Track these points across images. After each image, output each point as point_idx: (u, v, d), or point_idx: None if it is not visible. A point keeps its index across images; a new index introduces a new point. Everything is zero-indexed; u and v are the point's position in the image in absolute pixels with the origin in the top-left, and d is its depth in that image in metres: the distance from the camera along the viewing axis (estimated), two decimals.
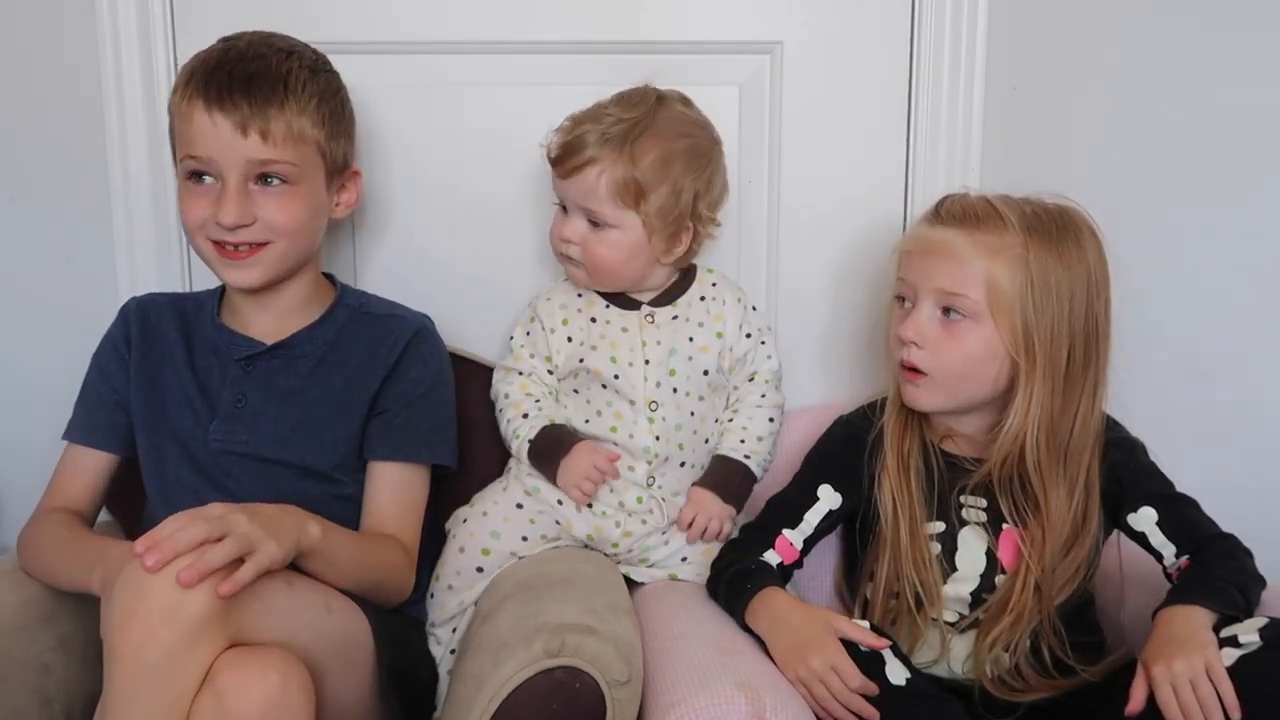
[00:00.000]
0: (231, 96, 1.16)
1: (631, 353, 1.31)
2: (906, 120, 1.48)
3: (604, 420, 1.31)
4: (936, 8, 1.44)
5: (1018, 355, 1.18)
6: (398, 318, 1.30)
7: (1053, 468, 1.19)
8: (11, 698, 1.11)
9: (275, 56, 1.20)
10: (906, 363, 1.22)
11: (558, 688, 1.03)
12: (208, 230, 1.19)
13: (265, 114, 1.16)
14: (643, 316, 1.33)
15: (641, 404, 1.30)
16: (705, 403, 1.34)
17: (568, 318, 1.34)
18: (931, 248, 1.21)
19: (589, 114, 1.28)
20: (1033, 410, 1.18)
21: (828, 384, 1.53)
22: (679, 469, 1.33)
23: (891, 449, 1.26)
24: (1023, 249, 1.17)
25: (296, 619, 1.05)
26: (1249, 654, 1.03)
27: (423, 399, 1.27)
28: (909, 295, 1.23)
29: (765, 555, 1.24)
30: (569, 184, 1.28)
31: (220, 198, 1.17)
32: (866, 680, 1.07)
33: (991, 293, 1.17)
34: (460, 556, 1.31)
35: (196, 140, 1.17)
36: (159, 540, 0.94)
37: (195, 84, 1.17)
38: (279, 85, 1.18)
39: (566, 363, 1.32)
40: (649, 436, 1.30)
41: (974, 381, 1.21)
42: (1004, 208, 1.20)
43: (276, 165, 1.18)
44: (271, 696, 0.95)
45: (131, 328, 1.29)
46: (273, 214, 1.19)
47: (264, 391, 1.25)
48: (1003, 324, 1.18)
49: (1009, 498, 1.21)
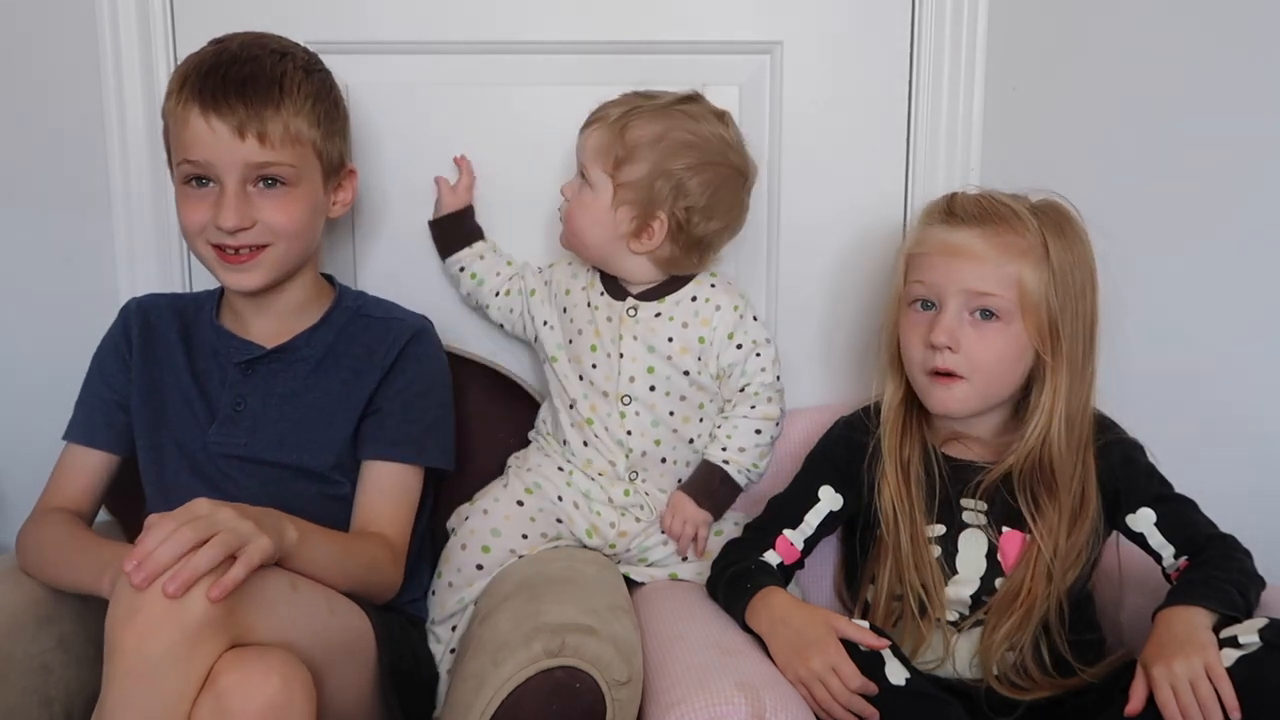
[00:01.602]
0: (228, 100, 1.16)
1: (611, 344, 1.32)
2: (906, 120, 1.48)
3: (579, 410, 1.32)
4: (936, 8, 1.44)
5: (1044, 351, 1.19)
6: (396, 319, 1.30)
7: (1070, 461, 1.20)
8: (11, 698, 1.11)
9: (269, 58, 1.19)
10: (940, 368, 1.21)
11: (558, 688, 1.03)
12: (208, 234, 1.19)
13: (262, 116, 1.16)
14: (625, 309, 1.33)
15: (614, 397, 1.31)
16: (687, 403, 1.33)
17: (570, 289, 1.36)
18: (953, 250, 1.20)
19: (637, 93, 1.33)
20: (1058, 404, 1.19)
21: (828, 384, 1.53)
22: (661, 465, 1.33)
23: (891, 453, 1.26)
24: (1043, 247, 1.18)
25: (299, 620, 1.04)
26: (1249, 654, 1.02)
27: (417, 399, 1.26)
28: (932, 298, 1.22)
29: (765, 555, 1.24)
30: (579, 140, 1.32)
31: (219, 201, 1.17)
32: (866, 680, 1.07)
33: (1022, 292, 1.18)
34: (462, 553, 1.31)
35: (194, 145, 1.17)
36: (144, 556, 0.94)
37: (190, 88, 1.17)
38: (274, 87, 1.17)
39: (551, 335, 1.35)
40: (621, 430, 1.31)
41: (1004, 380, 1.21)
42: (1016, 205, 1.21)
43: (275, 167, 1.18)
44: (274, 698, 0.95)
45: (132, 329, 1.29)
46: (272, 216, 1.19)
47: (263, 395, 1.25)
48: (1030, 322, 1.19)
49: (1027, 493, 1.21)
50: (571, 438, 1.33)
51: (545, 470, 1.34)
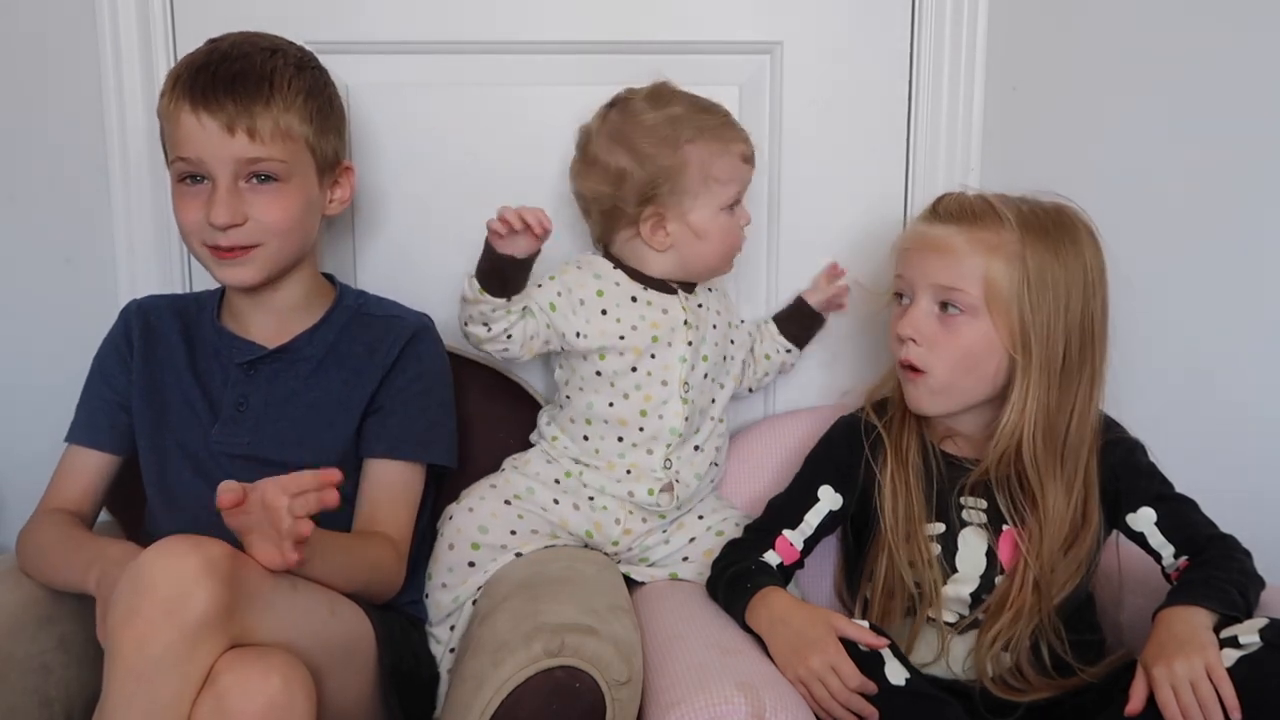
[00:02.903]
0: (216, 96, 1.16)
1: (672, 333, 1.31)
2: (906, 120, 1.48)
3: (632, 403, 1.31)
4: (936, 8, 1.44)
5: (1014, 351, 1.18)
6: (397, 318, 1.30)
7: (1050, 465, 1.20)
8: (11, 698, 1.11)
9: (259, 55, 1.20)
10: (904, 360, 1.22)
11: (557, 688, 1.03)
12: (202, 234, 1.19)
13: (251, 112, 1.16)
14: (683, 299, 1.33)
15: (675, 385, 1.31)
16: (725, 390, 1.38)
17: (601, 289, 1.32)
18: (928, 244, 1.21)
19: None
20: (1029, 406, 1.18)
21: (828, 384, 1.53)
22: (693, 452, 1.34)
23: (892, 450, 1.26)
24: (1019, 245, 1.17)
25: (300, 620, 1.04)
26: (1249, 654, 1.03)
27: (419, 397, 1.27)
28: (906, 291, 1.23)
29: (765, 556, 1.24)
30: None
31: (211, 198, 1.17)
32: (866, 679, 1.07)
33: (988, 288, 1.18)
34: (450, 553, 1.31)
35: (185, 142, 1.17)
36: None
37: (181, 86, 1.18)
38: (264, 83, 1.18)
39: (598, 338, 1.30)
40: (679, 418, 1.31)
41: (971, 377, 1.21)
42: (1001, 205, 1.20)
43: (265, 163, 1.18)
44: (274, 698, 0.95)
45: (133, 330, 1.29)
46: (264, 212, 1.19)
47: (265, 395, 1.25)
48: (999, 320, 1.18)
49: (1007, 495, 1.22)
50: (603, 434, 1.32)
51: (544, 477, 1.33)
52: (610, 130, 1.30)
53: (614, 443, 1.32)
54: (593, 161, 1.31)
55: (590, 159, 1.31)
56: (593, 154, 1.31)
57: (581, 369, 1.32)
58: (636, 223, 1.30)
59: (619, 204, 1.29)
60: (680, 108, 1.29)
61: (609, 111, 1.32)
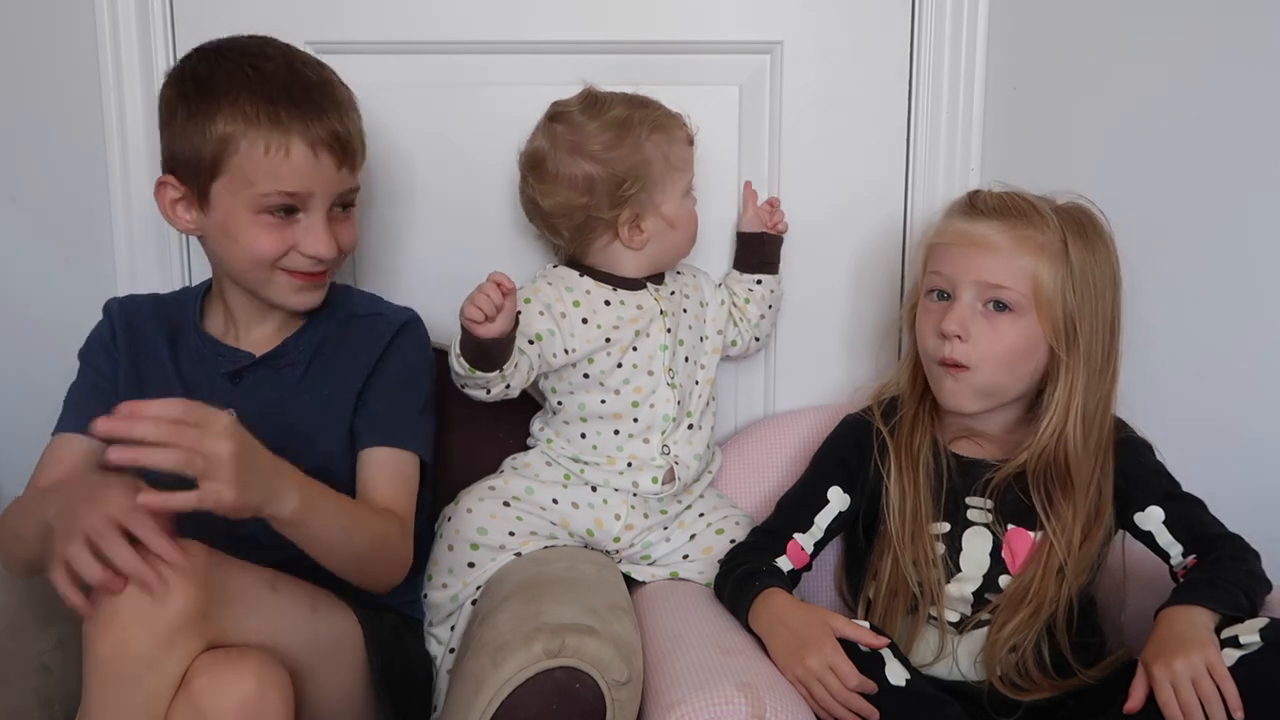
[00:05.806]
0: (324, 132, 1.16)
1: (650, 324, 1.33)
2: (906, 120, 1.48)
3: (623, 397, 1.32)
4: (936, 8, 1.44)
5: (1059, 347, 1.19)
6: (380, 315, 1.29)
7: (1085, 459, 1.20)
8: (11, 698, 1.11)
9: (335, 81, 1.21)
10: (948, 358, 1.21)
11: (558, 688, 1.03)
12: (289, 262, 1.19)
13: (352, 149, 1.20)
14: (653, 290, 1.35)
15: (660, 373, 1.33)
16: (707, 370, 1.39)
17: (578, 300, 1.33)
18: (972, 240, 1.21)
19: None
20: (1074, 403, 1.20)
21: (829, 383, 1.53)
22: (688, 432, 1.35)
23: (901, 448, 1.26)
24: (1062, 243, 1.19)
25: (279, 620, 1.04)
26: (1250, 654, 1.03)
27: (401, 386, 1.26)
28: (947, 288, 1.23)
29: (778, 560, 1.25)
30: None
31: (307, 230, 1.17)
32: (865, 679, 1.07)
33: (1036, 286, 1.19)
34: (449, 554, 1.31)
35: (294, 176, 1.15)
36: (115, 427, 0.95)
37: (284, 119, 1.14)
38: (353, 113, 1.21)
39: (585, 346, 1.31)
40: (670, 404, 1.33)
41: (1013, 375, 1.22)
42: (1038, 202, 1.22)
43: (352, 193, 1.23)
44: (247, 699, 0.95)
45: (117, 327, 1.27)
46: (346, 239, 1.22)
47: (253, 404, 1.22)
48: (1044, 317, 1.19)
49: (1041, 490, 1.21)
50: (600, 429, 1.33)
51: (544, 477, 1.34)
52: (565, 145, 1.30)
53: (611, 436, 1.33)
54: (555, 178, 1.30)
55: (551, 176, 1.31)
56: (553, 170, 1.30)
57: (570, 375, 1.33)
58: (614, 227, 1.31)
59: (593, 212, 1.30)
60: (622, 107, 1.31)
61: (554, 127, 1.32)
